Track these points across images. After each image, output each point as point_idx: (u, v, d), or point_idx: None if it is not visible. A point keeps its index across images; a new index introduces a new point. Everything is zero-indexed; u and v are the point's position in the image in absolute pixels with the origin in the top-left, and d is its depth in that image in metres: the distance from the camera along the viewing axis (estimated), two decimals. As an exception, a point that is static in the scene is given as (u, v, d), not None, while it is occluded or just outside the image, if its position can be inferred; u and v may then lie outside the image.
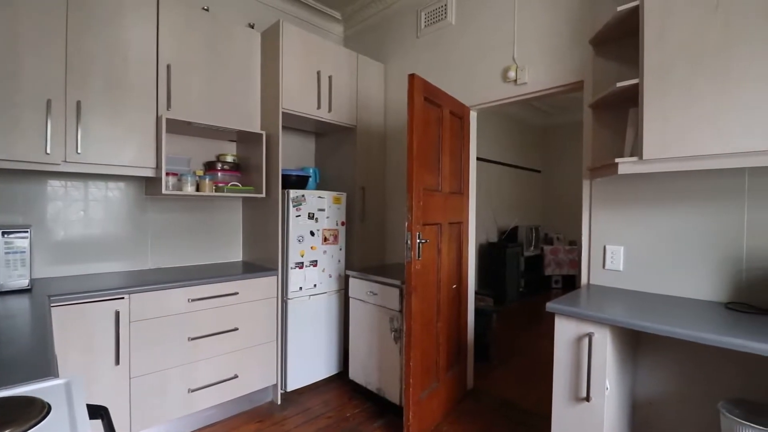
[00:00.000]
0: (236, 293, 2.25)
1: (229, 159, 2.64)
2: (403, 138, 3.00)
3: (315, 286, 2.65)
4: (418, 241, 2.00)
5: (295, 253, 2.52)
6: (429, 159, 2.14)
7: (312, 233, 2.62)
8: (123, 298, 1.85)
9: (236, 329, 2.24)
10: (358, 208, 2.97)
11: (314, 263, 2.64)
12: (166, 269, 2.42)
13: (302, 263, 2.57)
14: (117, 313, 1.82)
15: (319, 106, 2.69)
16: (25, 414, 0.66)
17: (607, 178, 1.88)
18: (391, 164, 3.15)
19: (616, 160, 1.57)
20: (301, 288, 2.56)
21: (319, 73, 2.68)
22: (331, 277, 2.76)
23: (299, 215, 2.54)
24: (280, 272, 2.46)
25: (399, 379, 2.26)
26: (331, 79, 2.75)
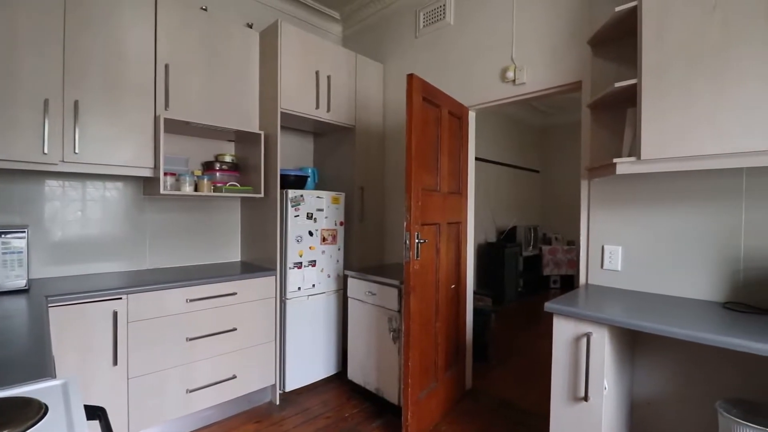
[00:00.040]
0: (234, 293, 2.24)
1: (228, 159, 2.63)
2: (402, 138, 3.01)
3: (313, 286, 2.65)
4: (417, 241, 2.00)
5: (293, 253, 2.52)
6: (427, 159, 2.14)
7: (310, 233, 2.62)
8: (121, 299, 1.85)
9: (234, 329, 2.24)
10: (357, 208, 2.96)
11: (313, 263, 2.64)
12: (165, 269, 2.41)
13: (301, 263, 2.56)
14: (115, 314, 1.82)
15: (317, 106, 2.68)
16: (22, 415, 0.66)
17: (606, 178, 1.88)
18: (389, 164, 3.15)
19: (614, 161, 1.57)
20: (299, 288, 2.56)
21: (317, 73, 2.68)
22: (330, 277, 2.75)
23: (298, 215, 2.54)
24: (279, 272, 2.45)
25: (398, 379, 2.26)
26: (329, 78, 2.75)
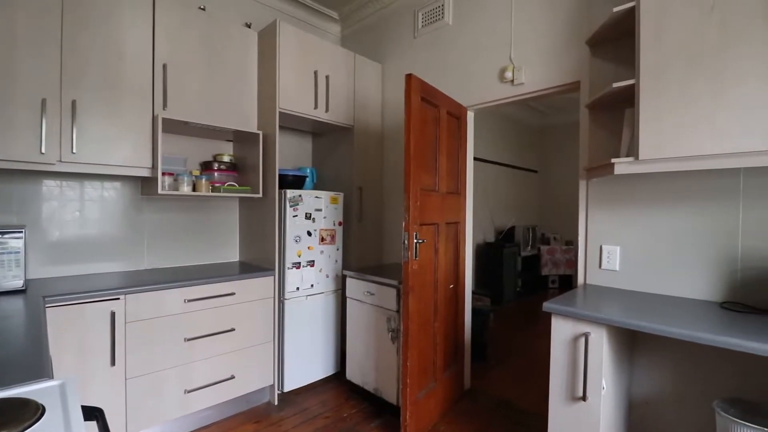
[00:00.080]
0: (233, 293, 2.24)
1: (226, 159, 2.63)
2: (401, 138, 3.01)
3: (312, 286, 2.64)
4: (416, 241, 2.00)
5: (292, 253, 2.52)
6: (426, 159, 2.14)
7: (309, 233, 2.62)
8: (119, 299, 1.84)
9: (233, 330, 2.23)
10: (356, 208, 2.96)
11: (311, 263, 2.63)
12: (163, 269, 2.41)
13: (299, 263, 2.56)
14: (113, 314, 1.81)
15: (316, 106, 2.68)
16: (19, 416, 0.65)
17: (604, 179, 1.89)
18: (388, 164, 3.15)
19: (613, 161, 1.57)
20: (298, 288, 2.56)
21: (316, 73, 2.68)
22: (329, 278, 2.75)
23: (296, 215, 2.53)
24: (277, 272, 2.45)
25: (396, 379, 2.26)
26: (328, 78, 2.75)
